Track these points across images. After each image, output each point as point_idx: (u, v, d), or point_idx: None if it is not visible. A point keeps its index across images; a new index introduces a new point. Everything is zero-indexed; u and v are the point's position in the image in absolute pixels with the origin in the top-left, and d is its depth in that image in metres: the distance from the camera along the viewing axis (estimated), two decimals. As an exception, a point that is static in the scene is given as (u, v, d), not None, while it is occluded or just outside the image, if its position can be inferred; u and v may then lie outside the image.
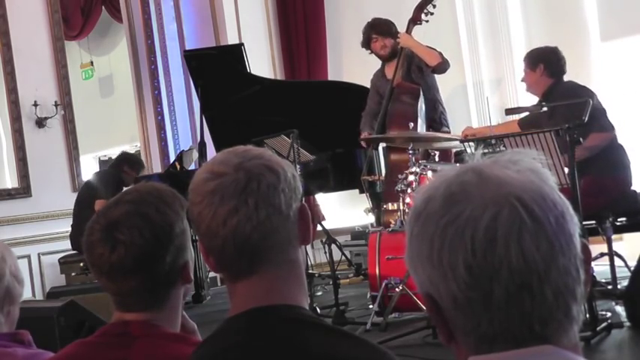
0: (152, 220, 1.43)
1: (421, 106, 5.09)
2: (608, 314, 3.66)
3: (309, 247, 2.58)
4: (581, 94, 4.28)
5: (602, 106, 4.40)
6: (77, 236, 5.91)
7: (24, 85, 6.91)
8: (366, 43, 5.50)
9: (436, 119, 5.33)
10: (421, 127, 4.98)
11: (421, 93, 5.12)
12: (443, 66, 5.19)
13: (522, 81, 4.70)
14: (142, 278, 1.44)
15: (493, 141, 3.80)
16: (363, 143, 5.49)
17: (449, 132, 5.28)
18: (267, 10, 7.53)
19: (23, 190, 6.88)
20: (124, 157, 6.73)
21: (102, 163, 10.85)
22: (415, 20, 5.25)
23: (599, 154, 4.27)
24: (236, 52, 6.16)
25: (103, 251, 1.42)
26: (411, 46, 5.21)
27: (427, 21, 5.25)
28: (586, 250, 0.83)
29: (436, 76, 5.37)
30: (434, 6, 5.24)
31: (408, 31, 5.25)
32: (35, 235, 6.74)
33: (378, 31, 5.42)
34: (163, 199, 1.47)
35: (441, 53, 5.19)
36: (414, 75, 5.29)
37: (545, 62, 4.53)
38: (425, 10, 5.23)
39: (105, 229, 1.43)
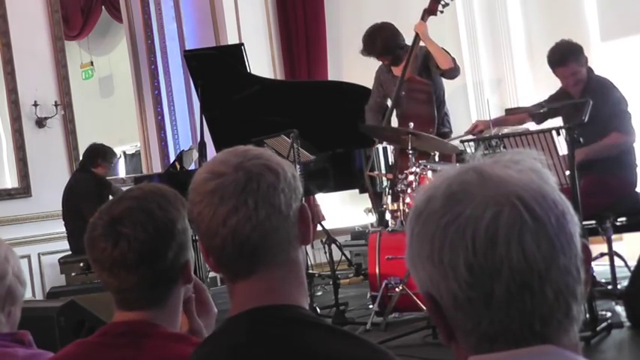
0: (155, 215, 1.44)
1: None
2: (608, 314, 3.66)
3: (309, 247, 2.58)
4: (612, 88, 4.29)
5: (629, 110, 4.33)
6: (75, 239, 5.91)
7: (24, 85, 6.90)
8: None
9: (439, 120, 5.22)
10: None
11: (432, 91, 4.98)
12: (453, 72, 5.03)
13: (568, 86, 4.36)
14: (143, 274, 1.44)
15: (493, 141, 3.79)
16: (376, 141, 5.32)
17: (450, 133, 5.23)
18: (267, 10, 7.53)
19: (23, 190, 6.87)
20: (94, 150, 6.38)
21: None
22: (431, 11, 5.03)
23: None
24: (236, 52, 6.15)
25: (105, 246, 1.43)
26: (426, 41, 4.98)
27: (442, 12, 5.06)
28: (586, 250, 0.83)
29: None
30: None
31: (424, 20, 5.01)
32: (35, 235, 6.73)
33: (369, 53, 5.18)
34: (166, 197, 1.48)
35: (454, 59, 5.02)
36: (424, 73, 5.11)
37: (580, 54, 4.35)
38: (442, 2, 5.04)
39: (108, 224, 1.44)
